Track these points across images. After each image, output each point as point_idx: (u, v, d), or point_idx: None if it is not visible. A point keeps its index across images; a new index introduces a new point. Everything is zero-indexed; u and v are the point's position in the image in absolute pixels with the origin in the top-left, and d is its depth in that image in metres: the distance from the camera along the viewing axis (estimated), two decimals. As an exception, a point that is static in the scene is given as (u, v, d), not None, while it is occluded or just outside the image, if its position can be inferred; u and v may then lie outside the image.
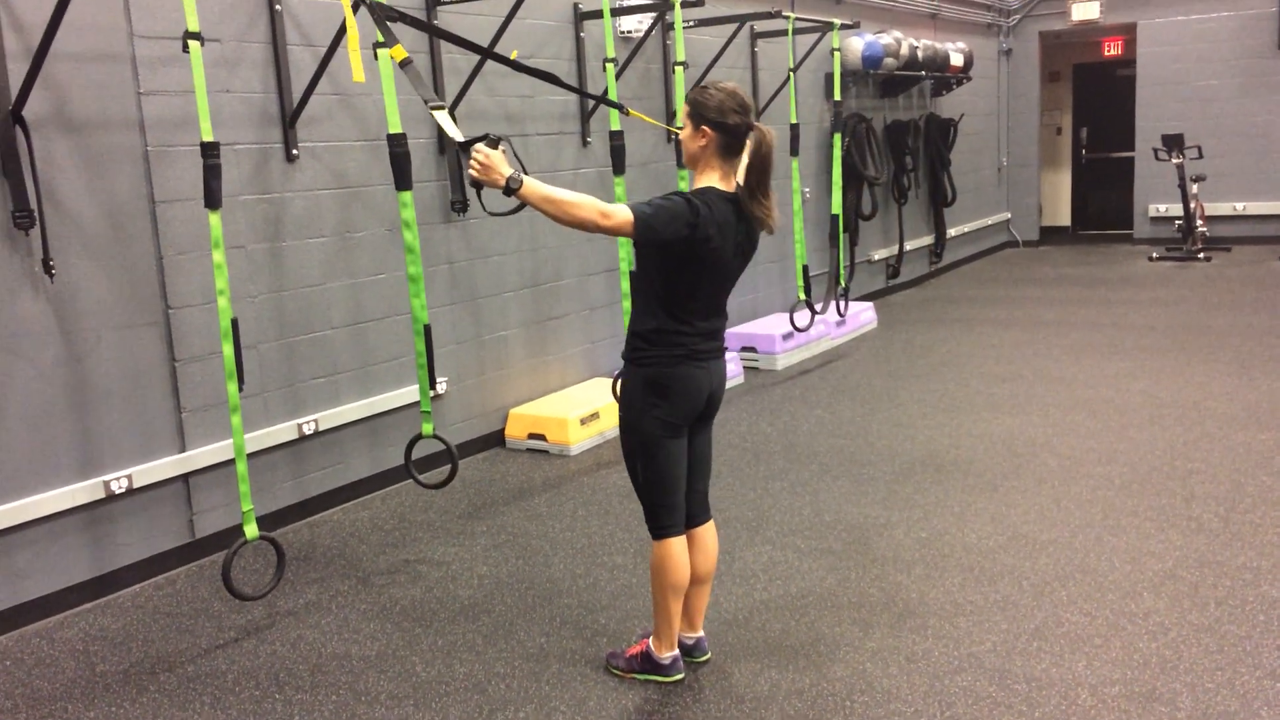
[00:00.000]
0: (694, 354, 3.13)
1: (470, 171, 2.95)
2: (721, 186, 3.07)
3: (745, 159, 3.05)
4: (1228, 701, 3.09)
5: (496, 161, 2.93)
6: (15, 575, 3.94)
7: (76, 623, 3.99)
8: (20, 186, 3.80)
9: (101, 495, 4.15)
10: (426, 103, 3.47)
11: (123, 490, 4.21)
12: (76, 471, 4.10)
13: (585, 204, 2.90)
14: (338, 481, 5.11)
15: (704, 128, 3.04)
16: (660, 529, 3.24)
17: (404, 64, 3.60)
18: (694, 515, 3.35)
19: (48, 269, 3.89)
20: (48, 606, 4.02)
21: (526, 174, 2.94)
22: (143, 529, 4.32)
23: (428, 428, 4.36)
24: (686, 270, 3.04)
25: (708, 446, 3.36)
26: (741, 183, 3.08)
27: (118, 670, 3.61)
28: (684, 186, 5.65)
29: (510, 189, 2.91)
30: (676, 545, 3.24)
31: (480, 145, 2.95)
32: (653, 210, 2.93)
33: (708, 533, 3.39)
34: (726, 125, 3.02)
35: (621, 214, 2.90)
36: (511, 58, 3.97)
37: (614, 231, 2.92)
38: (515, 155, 3.06)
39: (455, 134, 3.23)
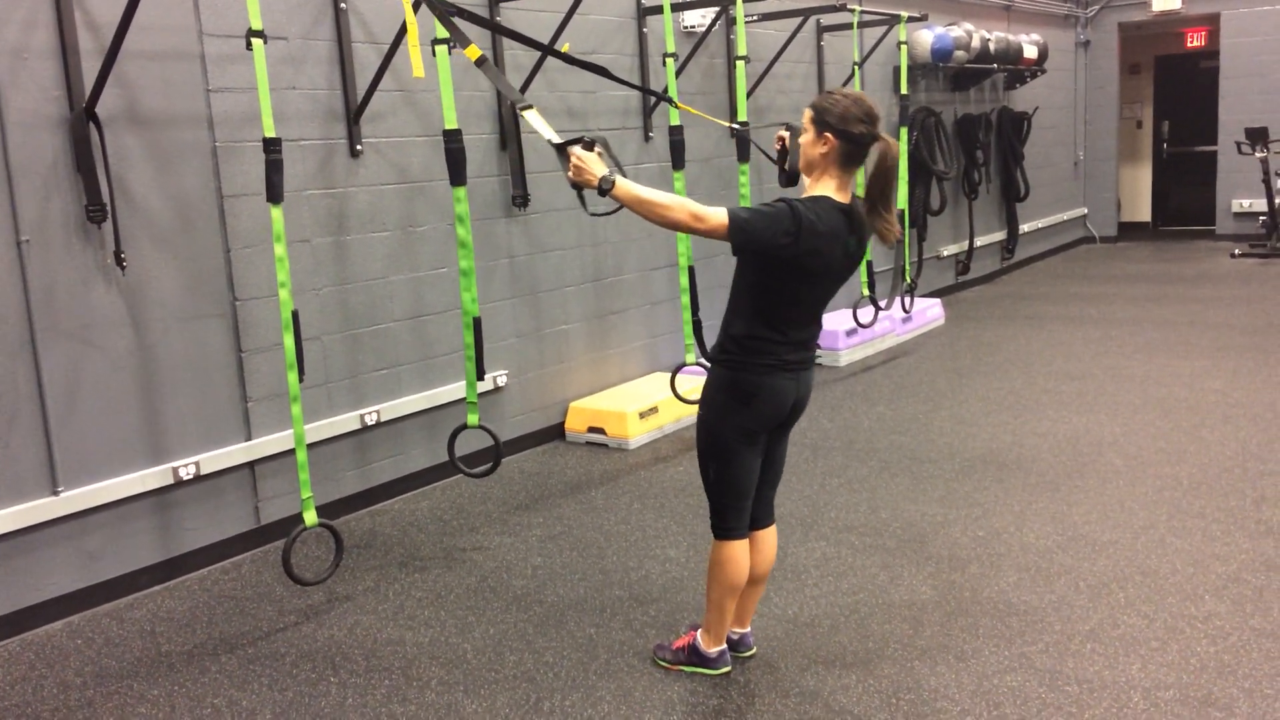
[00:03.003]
0: (784, 364, 3.06)
1: (568, 174, 2.99)
2: (836, 196, 2.97)
3: (869, 170, 2.96)
4: (1287, 708, 3.01)
5: (590, 163, 2.95)
6: (88, 557, 4.08)
7: (145, 604, 4.13)
8: (93, 181, 3.94)
9: (170, 481, 4.28)
10: (515, 105, 3.47)
11: (190, 476, 4.34)
12: (146, 458, 4.23)
13: (677, 206, 2.87)
14: (399, 472, 5.20)
15: (827, 134, 2.93)
16: (724, 530, 3.21)
17: (480, 63, 3.64)
18: (758, 518, 3.32)
19: (119, 261, 4.02)
20: (118, 588, 4.16)
21: (624, 175, 2.96)
22: (209, 514, 4.45)
23: (473, 418, 4.45)
24: (789, 280, 2.97)
25: (783, 454, 3.31)
26: (862, 194, 3.00)
27: (182, 651, 3.73)
28: (745, 181, 5.64)
29: (602, 190, 2.92)
30: (738, 548, 3.22)
31: (575, 148, 2.98)
32: (750, 216, 2.86)
33: (769, 536, 3.37)
34: (851, 134, 2.92)
35: (716, 217, 2.84)
36: (563, 50, 4.00)
37: (708, 234, 2.87)
38: (611, 156, 3.07)
39: (550, 135, 3.19)
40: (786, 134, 3.29)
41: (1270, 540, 4.14)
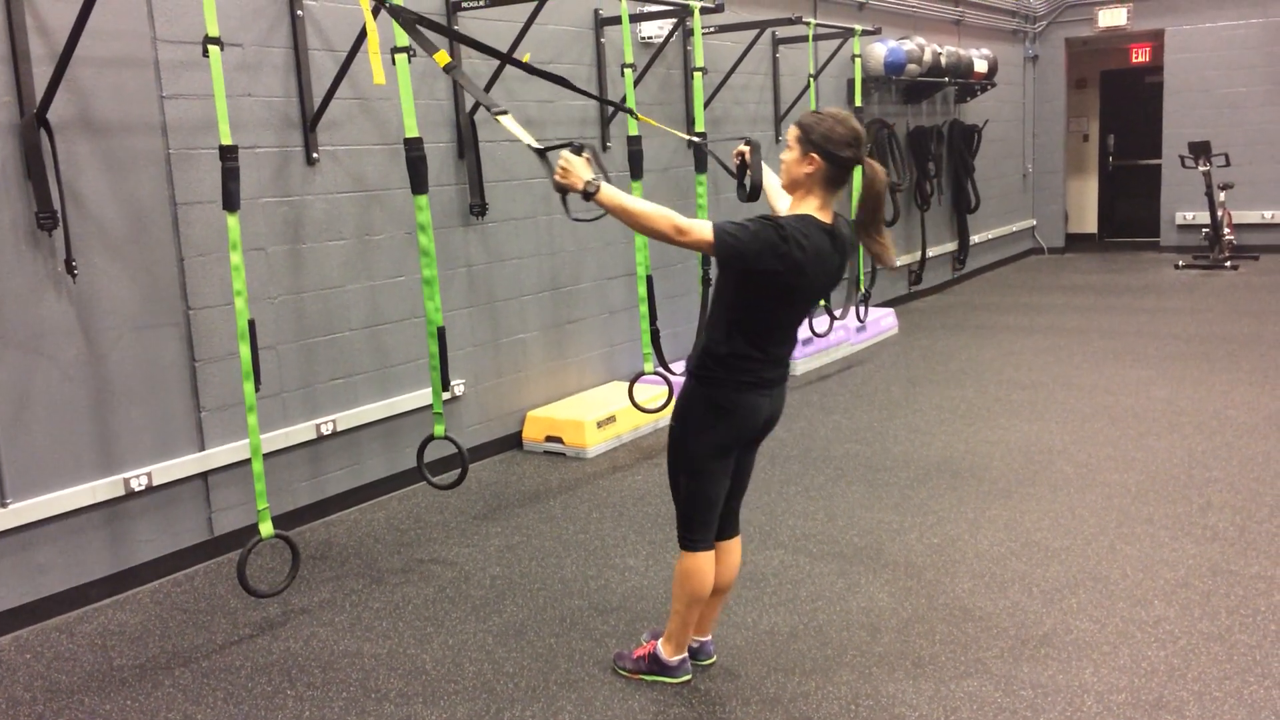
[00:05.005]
0: (762, 382, 3.08)
1: (555, 177, 3.02)
2: (819, 216, 2.97)
3: (856, 194, 2.96)
4: (1235, 711, 3.08)
5: (576, 167, 2.99)
6: (36, 570, 4.00)
7: (95, 617, 4.06)
8: (44, 188, 3.88)
9: (121, 492, 4.22)
10: (489, 110, 3.50)
11: (142, 488, 4.28)
12: (97, 469, 4.16)
13: (660, 217, 2.90)
14: (355, 482, 5.16)
15: (813, 155, 2.94)
16: (691, 542, 3.22)
17: (449, 69, 3.65)
18: (724, 530, 3.34)
19: (70, 269, 3.96)
20: (67, 601, 4.09)
21: (608, 181, 2.99)
22: (162, 526, 4.39)
23: (440, 429, 4.42)
24: (772, 299, 2.98)
25: (750, 467, 3.35)
26: (856, 217, 3.03)
27: (134, 665, 3.67)
28: (702, 192, 5.67)
29: (587, 194, 2.95)
30: (704, 559, 3.23)
31: (564, 152, 3.02)
32: (738, 231, 2.87)
33: (734, 547, 3.39)
34: (837, 157, 2.93)
35: (699, 231, 2.87)
36: (524, 60, 4.00)
37: (691, 247, 2.90)
38: (599, 163, 3.10)
39: (529, 140, 3.24)
40: (746, 149, 3.28)
41: (1216, 546, 4.23)
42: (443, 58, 3.65)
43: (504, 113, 3.44)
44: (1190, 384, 6.78)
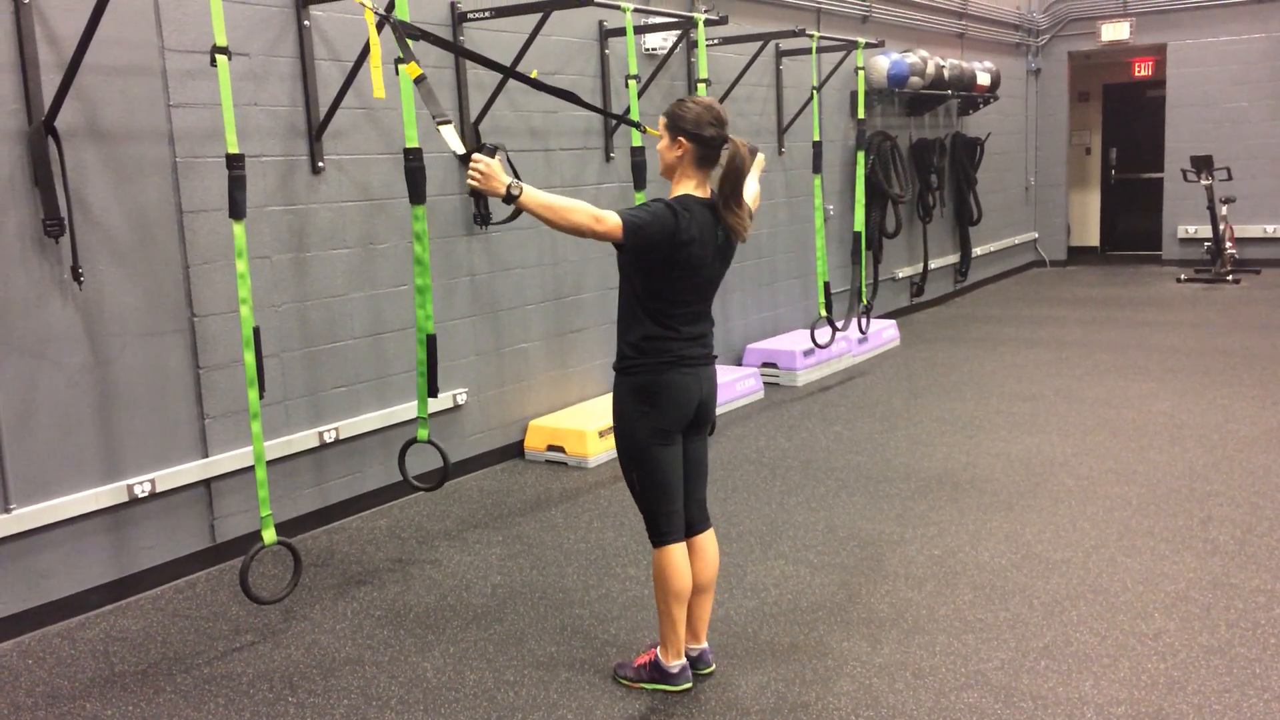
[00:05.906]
0: (682, 360, 3.22)
1: (470, 181, 3.03)
2: (698, 194, 3.20)
3: (720, 169, 3.17)
4: (1235, 723, 3.09)
5: (495, 170, 3.00)
6: (39, 575, 4.02)
7: (97, 623, 4.07)
8: (51, 195, 3.90)
9: (125, 499, 4.23)
10: (434, 118, 3.54)
11: (146, 494, 4.29)
12: (101, 475, 4.18)
13: (580, 209, 3.01)
14: (357, 489, 5.17)
15: (680, 139, 3.17)
16: (660, 536, 3.29)
17: (418, 80, 3.68)
18: (693, 523, 3.39)
19: (76, 276, 3.98)
20: (70, 607, 4.10)
21: (521, 182, 3.04)
22: (164, 533, 4.40)
23: (423, 433, 4.46)
24: (670, 276, 3.15)
25: (703, 454, 3.42)
26: (716, 191, 3.19)
27: (136, 671, 3.68)
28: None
29: (511, 196, 2.99)
30: (677, 552, 3.29)
31: (478, 154, 3.02)
32: (642, 215, 3.06)
33: (708, 540, 3.43)
34: (702, 137, 3.15)
35: (612, 219, 3.01)
36: (532, 76, 4.03)
37: (606, 235, 3.02)
38: (510, 164, 3.12)
39: (458, 147, 3.33)
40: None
41: (1217, 559, 4.24)
42: (414, 70, 3.68)
43: (446, 122, 3.52)
44: (1191, 397, 6.78)
